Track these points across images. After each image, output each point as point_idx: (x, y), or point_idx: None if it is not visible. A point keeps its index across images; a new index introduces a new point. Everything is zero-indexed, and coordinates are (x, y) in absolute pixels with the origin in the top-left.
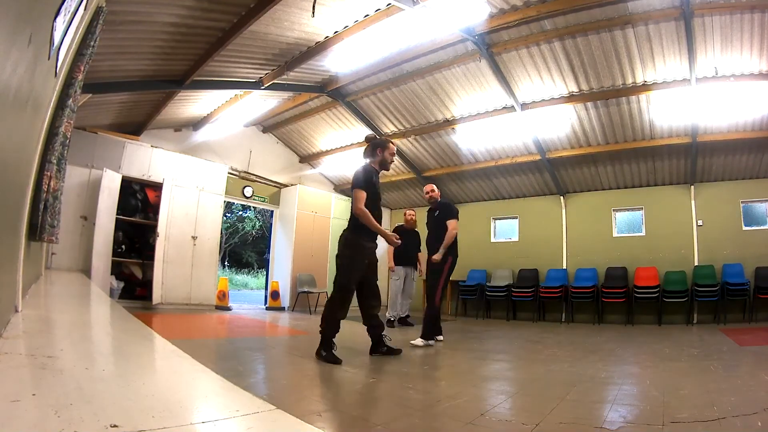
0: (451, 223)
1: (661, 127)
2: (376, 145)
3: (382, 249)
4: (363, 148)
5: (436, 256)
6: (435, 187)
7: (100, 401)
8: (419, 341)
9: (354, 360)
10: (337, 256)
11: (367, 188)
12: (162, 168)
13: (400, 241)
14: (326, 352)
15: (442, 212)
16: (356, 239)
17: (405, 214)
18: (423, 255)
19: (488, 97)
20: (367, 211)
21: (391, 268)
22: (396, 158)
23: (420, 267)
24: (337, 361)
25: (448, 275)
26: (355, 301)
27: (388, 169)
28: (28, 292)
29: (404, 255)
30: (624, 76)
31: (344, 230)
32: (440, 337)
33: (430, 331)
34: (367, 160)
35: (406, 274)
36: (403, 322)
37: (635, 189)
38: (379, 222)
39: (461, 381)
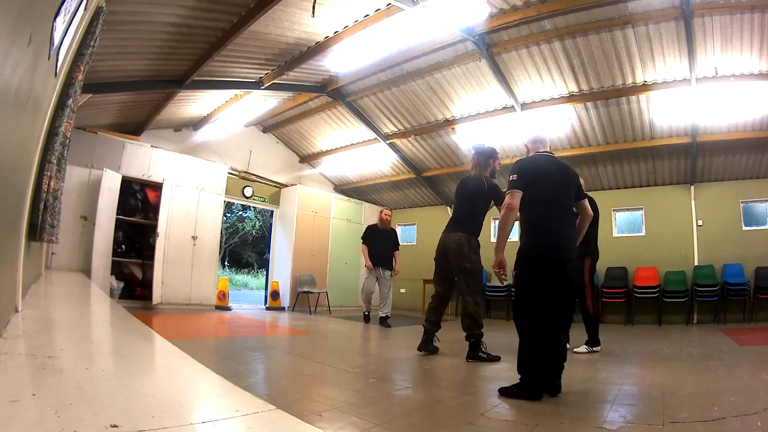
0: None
1: (661, 127)
2: (489, 156)
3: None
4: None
5: None
6: None
7: (100, 401)
8: (583, 348)
9: (354, 360)
10: (464, 263)
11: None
12: (162, 168)
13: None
14: (486, 354)
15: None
16: (478, 244)
17: (381, 213)
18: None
19: (488, 97)
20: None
21: (368, 267)
22: (396, 158)
23: (395, 267)
24: (497, 359)
25: (590, 277)
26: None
27: (494, 179)
28: (28, 292)
29: (377, 254)
30: (624, 76)
31: (457, 235)
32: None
33: (593, 337)
34: (476, 170)
35: (378, 274)
36: (383, 322)
37: (635, 189)
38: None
39: (461, 381)
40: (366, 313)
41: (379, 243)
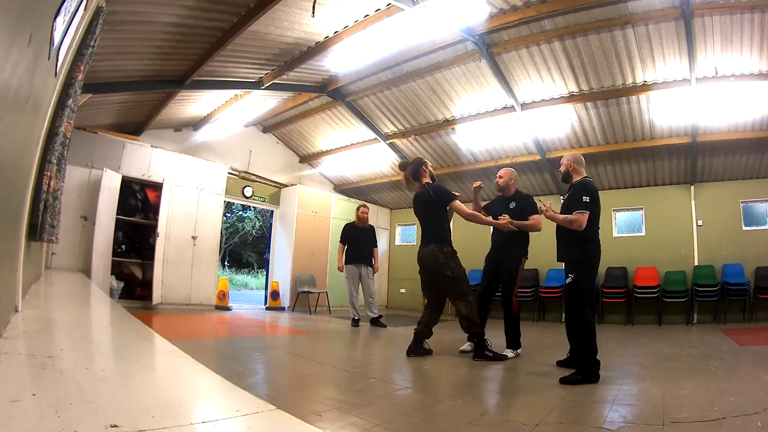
0: (535, 218)
1: (661, 127)
2: (416, 166)
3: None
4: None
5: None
6: (511, 173)
7: (100, 401)
8: (509, 352)
9: (354, 360)
10: (444, 272)
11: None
12: (162, 168)
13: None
14: (492, 353)
15: (521, 205)
16: (452, 250)
17: (358, 210)
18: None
19: (488, 97)
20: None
21: (339, 268)
22: (396, 158)
23: (375, 264)
24: (504, 358)
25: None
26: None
27: (435, 181)
28: (28, 292)
29: (357, 253)
30: (624, 76)
31: (430, 248)
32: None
33: (515, 339)
34: (413, 184)
35: (360, 272)
36: (376, 323)
37: (635, 189)
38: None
39: (461, 381)
40: (355, 318)
41: (359, 241)
